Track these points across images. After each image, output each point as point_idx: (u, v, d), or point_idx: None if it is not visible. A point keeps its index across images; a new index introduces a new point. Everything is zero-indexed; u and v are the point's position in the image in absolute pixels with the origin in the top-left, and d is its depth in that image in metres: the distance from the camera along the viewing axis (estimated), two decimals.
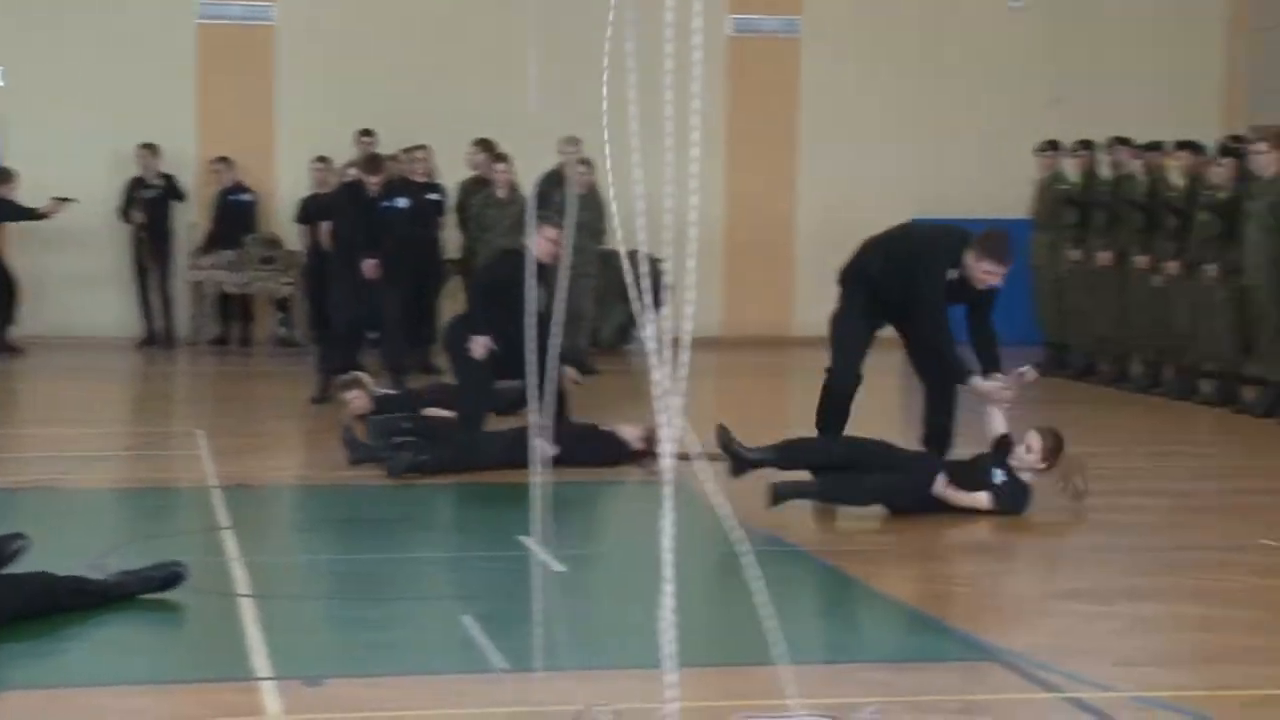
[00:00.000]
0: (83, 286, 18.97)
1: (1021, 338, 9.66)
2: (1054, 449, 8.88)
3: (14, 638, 6.39)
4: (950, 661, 6.42)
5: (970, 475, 8.91)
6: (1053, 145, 17.49)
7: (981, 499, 8.83)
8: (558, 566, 7.42)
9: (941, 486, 8.82)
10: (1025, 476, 8.86)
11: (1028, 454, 8.83)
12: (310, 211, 17.28)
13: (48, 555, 7.16)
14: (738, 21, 19.34)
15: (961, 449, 9.50)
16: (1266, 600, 7.34)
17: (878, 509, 8.95)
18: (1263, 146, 13.69)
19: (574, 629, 5.08)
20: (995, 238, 9.61)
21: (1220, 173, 14.08)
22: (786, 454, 9.09)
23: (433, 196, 16.25)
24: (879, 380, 13.55)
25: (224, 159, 18.61)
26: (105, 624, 6.70)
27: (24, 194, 18.46)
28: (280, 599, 7.20)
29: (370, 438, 10.61)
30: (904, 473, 8.97)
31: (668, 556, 4.23)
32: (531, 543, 7.43)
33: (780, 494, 8.67)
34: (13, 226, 18.72)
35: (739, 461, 8.87)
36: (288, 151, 19.00)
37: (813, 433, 9.57)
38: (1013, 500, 8.83)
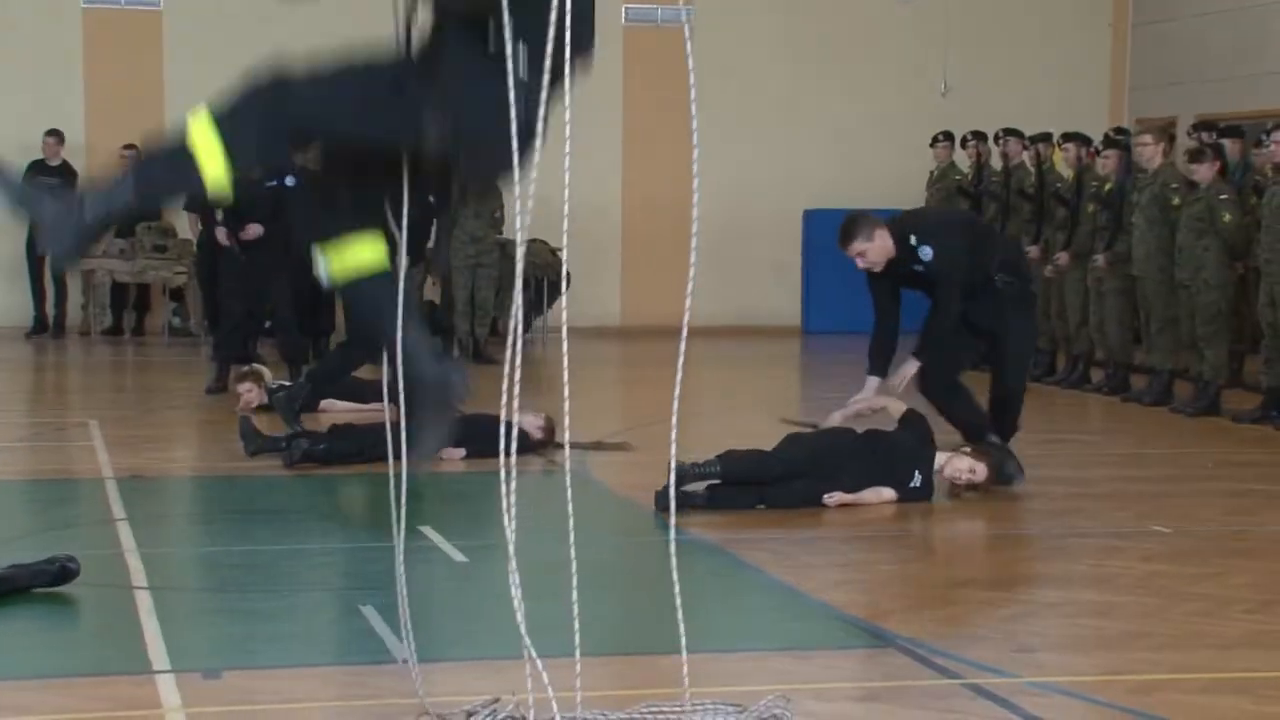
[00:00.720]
0: None
1: (914, 326, 9.67)
2: (994, 467, 8.99)
3: None
4: (850, 649, 6.46)
5: (888, 470, 8.94)
6: (947, 135, 17.66)
7: (887, 494, 8.87)
8: (459, 557, 7.40)
9: (835, 502, 8.83)
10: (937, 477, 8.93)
11: (970, 475, 8.88)
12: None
13: None
14: (631, 10, 19.38)
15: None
16: (1157, 586, 7.42)
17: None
18: (1147, 139, 13.92)
19: (476, 619, 5.05)
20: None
21: (1106, 164, 14.29)
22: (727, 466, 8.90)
23: None
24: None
25: (132, 146, 18.38)
26: None
27: None
28: (177, 591, 7.13)
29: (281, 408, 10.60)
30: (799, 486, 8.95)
31: (510, 538, 4.22)
32: (432, 533, 7.40)
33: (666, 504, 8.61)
34: None
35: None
36: None
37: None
38: (918, 497, 8.90)
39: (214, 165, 4.25)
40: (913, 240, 9.60)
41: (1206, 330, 13.01)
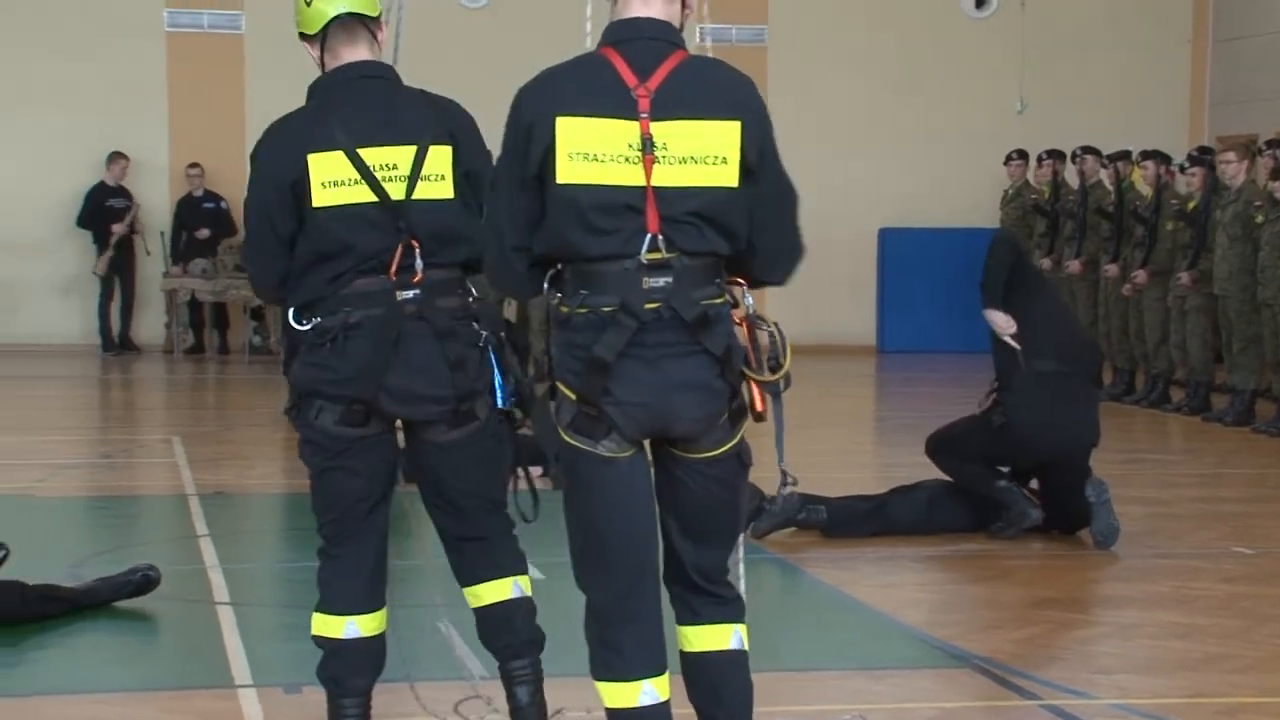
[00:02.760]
0: (49, 293, 18.93)
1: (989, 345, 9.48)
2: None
3: None
4: (926, 668, 6.41)
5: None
6: (1020, 154, 17.57)
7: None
8: (537, 574, 7.39)
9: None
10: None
11: None
12: None
13: (24, 565, 7.11)
14: (708, 30, 19.34)
15: None
16: (1240, 608, 7.34)
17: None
18: (1231, 156, 13.79)
19: (554, 636, 5.04)
20: None
21: (1192, 182, 14.14)
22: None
23: None
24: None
25: (196, 165, 18.58)
26: (80, 631, 6.66)
27: None
28: (259, 606, 7.17)
29: None
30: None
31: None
32: None
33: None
34: None
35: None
36: None
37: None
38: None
39: None
40: None
41: None
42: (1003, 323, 8.59)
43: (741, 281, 4.11)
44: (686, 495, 4.08)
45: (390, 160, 4.60)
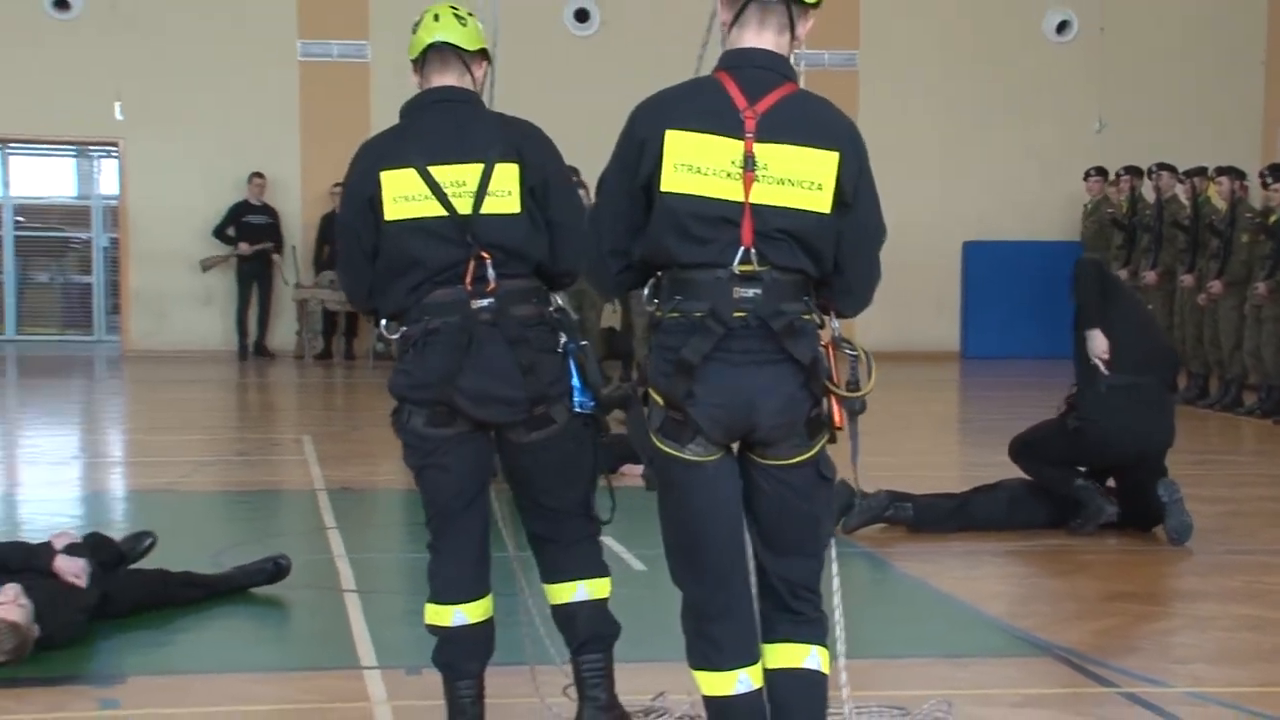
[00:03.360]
0: (193, 303, 19.20)
1: (1071, 351, 9.39)
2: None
3: (134, 627, 6.45)
4: (1009, 656, 6.35)
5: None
6: (1099, 171, 17.41)
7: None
8: (638, 565, 7.41)
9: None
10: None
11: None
12: None
13: (169, 553, 7.21)
14: (799, 56, 19.30)
15: None
16: None
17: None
18: None
19: (652, 624, 5.05)
20: None
21: (1274, 196, 13.92)
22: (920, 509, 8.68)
23: None
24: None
25: (339, 185, 18.74)
26: (219, 615, 6.75)
27: (139, 218, 18.68)
28: (382, 593, 7.23)
29: None
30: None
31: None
32: (614, 543, 7.42)
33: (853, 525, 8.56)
34: (135, 248, 18.96)
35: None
36: None
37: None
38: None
39: None
40: None
41: None
42: (1100, 349, 8.50)
43: (831, 306, 4.10)
44: (764, 501, 4.04)
45: (459, 178, 4.63)
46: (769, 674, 4.09)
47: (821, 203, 3.94)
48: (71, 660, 5.95)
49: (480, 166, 4.63)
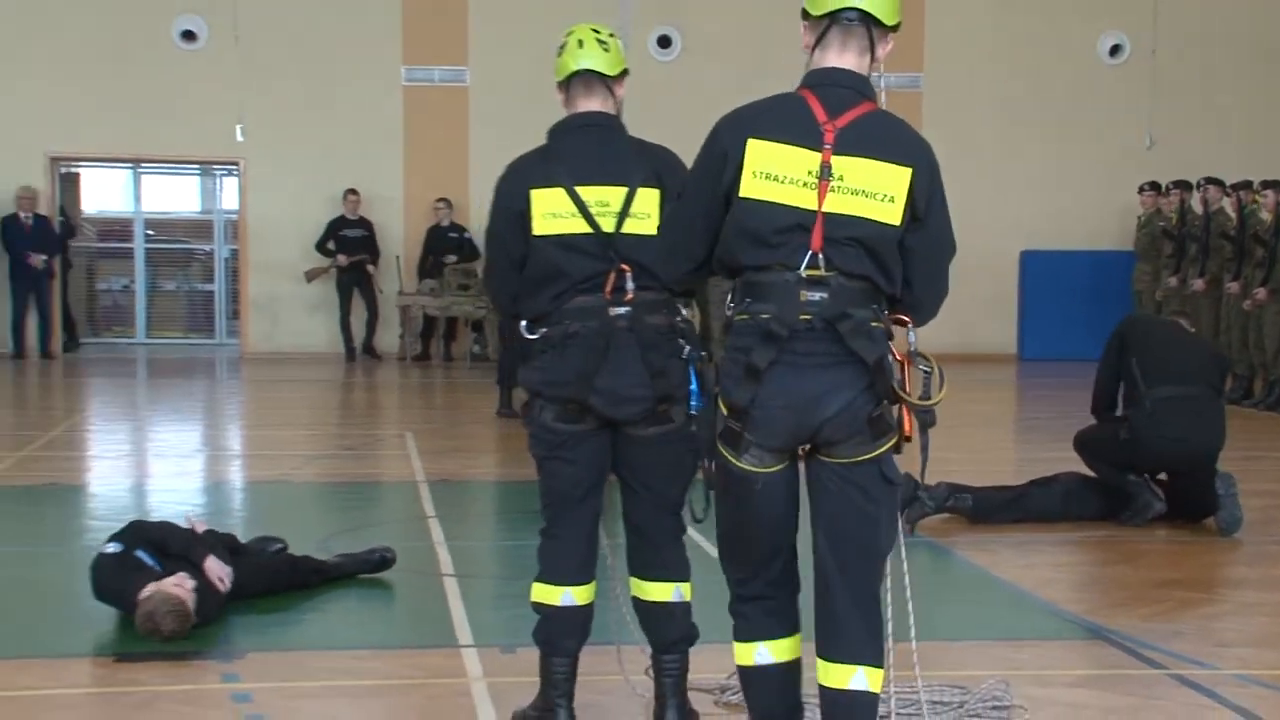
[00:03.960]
0: (301, 309, 19.37)
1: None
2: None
3: (255, 610, 6.51)
4: (1064, 640, 6.31)
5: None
6: (1152, 185, 17.25)
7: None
8: (714, 552, 7.39)
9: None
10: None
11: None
12: None
13: (283, 540, 7.27)
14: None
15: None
16: None
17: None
18: None
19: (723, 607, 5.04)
20: None
21: None
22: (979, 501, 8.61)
23: None
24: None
25: (444, 199, 18.90)
26: (330, 599, 6.80)
27: (256, 231, 18.87)
28: (479, 578, 7.26)
29: None
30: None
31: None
32: (694, 532, 7.41)
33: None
34: (253, 259, 19.16)
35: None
36: (480, 193, 19.22)
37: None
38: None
39: None
40: None
41: None
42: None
43: (906, 320, 4.03)
44: (827, 499, 3.93)
45: (604, 199, 4.68)
46: (821, 689, 4.02)
47: (893, 215, 3.88)
48: (196, 638, 6.02)
49: (624, 190, 4.69)
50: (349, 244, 18.82)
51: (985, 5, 19.76)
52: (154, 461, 11.09)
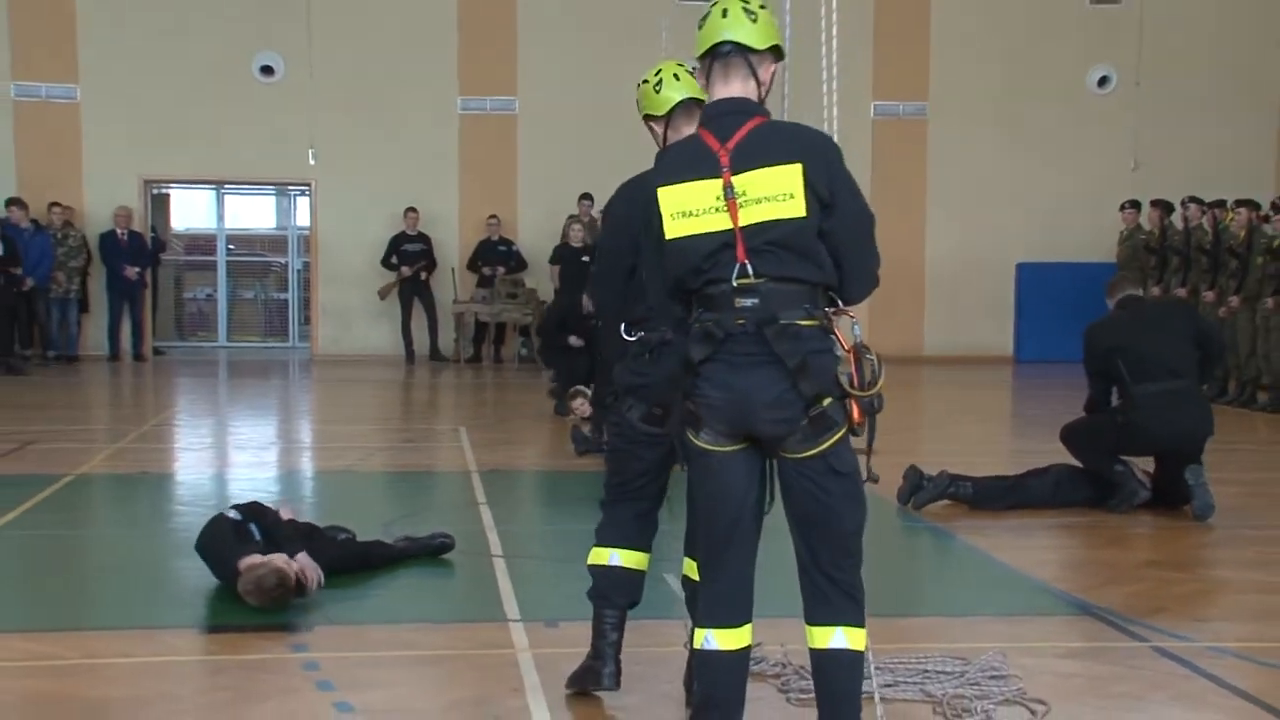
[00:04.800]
0: (367, 315, 19.44)
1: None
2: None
3: (325, 587, 6.52)
4: (1055, 615, 6.28)
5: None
6: (1132, 203, 17.18)
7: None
8: None
9: None
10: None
11: None
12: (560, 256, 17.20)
13: (350, 524, 7.29)
14: (878, 107, 19.23)
15: None
16: None
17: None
18: None
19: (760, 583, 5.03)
20: None
21: (1278, 225, 13.74)
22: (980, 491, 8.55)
23: None
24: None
25: (494, 216, 18.94)
26: (396, 578, 6.81)
27: (326, 245, 18.93)
28: (526, 559, 7.25)
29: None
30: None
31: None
32: None
33: (907, 499, 8.48)
34: (323, 270, 19.21)
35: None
36: (527, 211, 19.28)
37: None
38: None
39: None
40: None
41: None
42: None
43: (853, 315, 4.02)
44: (790, 491, 3.97)
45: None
46: (810, 654, 4.03)
47: (796, 209, 3.88)
48: (268, 613, 6.05)
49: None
50: (409, 257, 18.88)
51: (985, 41, 19.68)
52: (234, 453, 11.14)
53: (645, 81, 4.86)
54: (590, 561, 4.95)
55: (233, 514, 6.51)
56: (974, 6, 19.69)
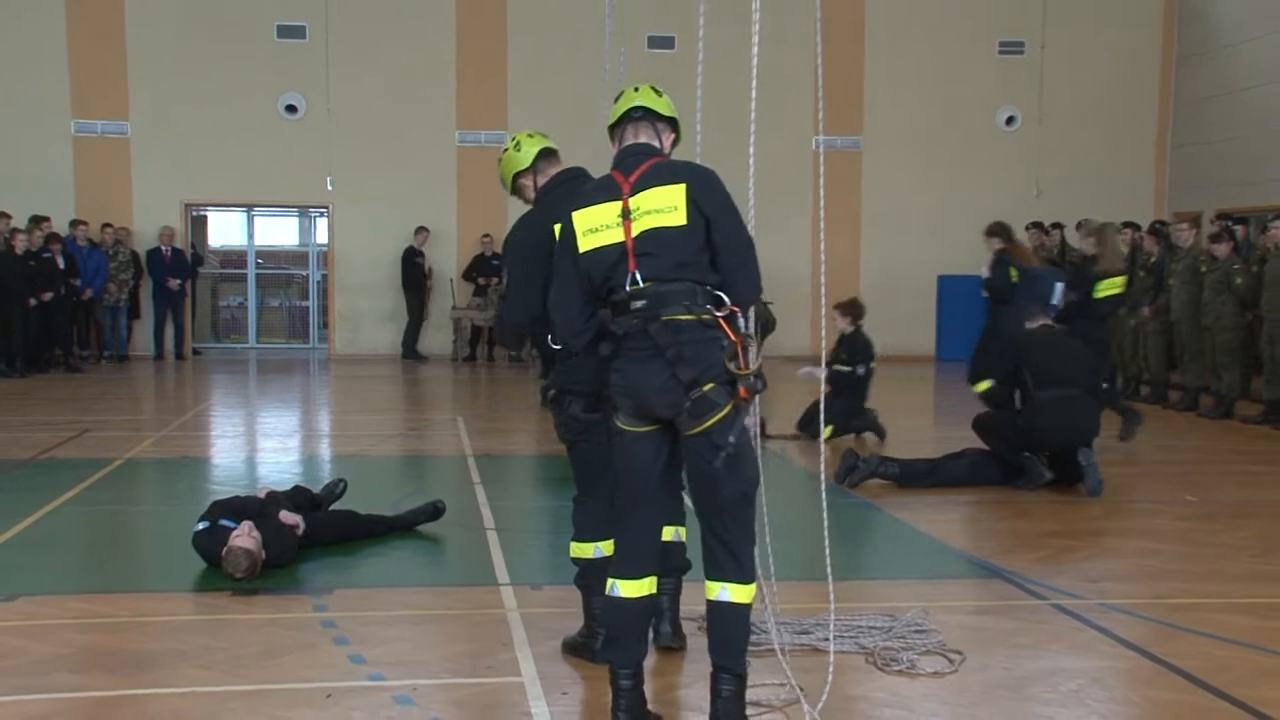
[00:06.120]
0: (377, 319, 19.36)
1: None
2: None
3: (334, 554, 6.53)
4: (969, 578, 6.32)
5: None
6: (1035, 224, 17.25)
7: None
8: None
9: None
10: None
11: None
12: None
13: (362, 500, 7.29)
14: (821, 141, 19.26)
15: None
16: (1189, 538, 7.14)
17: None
18: (1184, 226, 13.51)
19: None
20: None
21: (1150, 243, 13.87)
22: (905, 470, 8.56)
23: None
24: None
25: (488, 235, 18.88)
26: (395, 546, 6.81)
27: (342, 260, 18.81)
28: (515, 531, 7.26)
29: None
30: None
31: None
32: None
33: (842, 478, 8.49)
34: (339, 282, 19.09)
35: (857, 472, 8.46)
36: None
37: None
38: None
39: None
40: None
41: (1224, 359, 12.56)
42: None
43: (739, 310, 4.03)
44: (686, 462, 4.04)
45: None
46: (707, 604, 4.05)
47: (679, 218, 3.97)
48: (291, 577, 6.03)
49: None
50: (417, 271, 18.80)
51: (912, 83, 19.73)
52: (262, 439, 11.09)
53: (505, 150, 4.91)
54: (574, 555, 4.86)
55: (200, 526, 6.29)
56: (901, 55, 19.75)
